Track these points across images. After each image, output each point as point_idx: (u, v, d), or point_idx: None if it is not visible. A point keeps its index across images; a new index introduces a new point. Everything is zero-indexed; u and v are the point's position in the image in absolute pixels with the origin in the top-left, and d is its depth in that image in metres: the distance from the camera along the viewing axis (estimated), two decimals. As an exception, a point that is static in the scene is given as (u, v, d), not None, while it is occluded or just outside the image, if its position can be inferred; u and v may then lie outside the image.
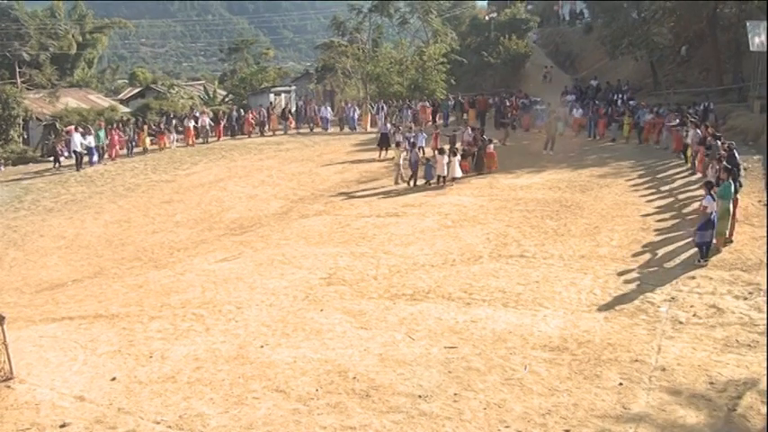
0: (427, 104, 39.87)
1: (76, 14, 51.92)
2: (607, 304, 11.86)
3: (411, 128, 30.07)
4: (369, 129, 37.70)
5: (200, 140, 35.72)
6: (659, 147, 27.49)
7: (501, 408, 8.55)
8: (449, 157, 23.16)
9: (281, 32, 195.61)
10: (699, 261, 13.65)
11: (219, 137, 36.53)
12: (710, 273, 13.04)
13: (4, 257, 19.71)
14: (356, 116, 39.01)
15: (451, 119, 38.69)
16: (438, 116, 38.97)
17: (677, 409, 8.34)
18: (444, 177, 23.18)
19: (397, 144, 25.63)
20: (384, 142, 29.20)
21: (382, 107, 38.79)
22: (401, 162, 24.44)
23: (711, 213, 13.72)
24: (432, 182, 23.39)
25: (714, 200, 13.78)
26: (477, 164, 25.11)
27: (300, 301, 13.05)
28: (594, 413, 8.34)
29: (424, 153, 25.84)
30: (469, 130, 28.25)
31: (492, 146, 25.51)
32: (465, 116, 38.20)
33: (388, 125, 30.33)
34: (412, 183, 23.75)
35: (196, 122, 36.13)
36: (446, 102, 40.69)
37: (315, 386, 9.30)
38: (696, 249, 13.95)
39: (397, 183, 24.18)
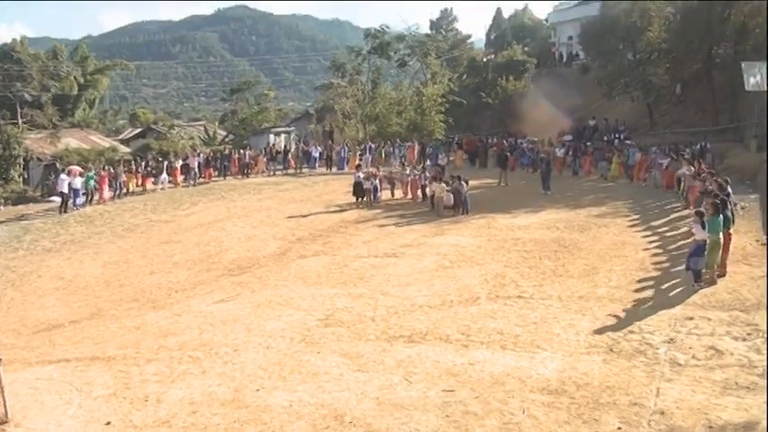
0: (415, 145, 40.31)
1: (78, 56, 52.49)
2: (605, 346, 11.75)
3: (372, 173, 30.35)
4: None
5: (185, 183, 35.73)
6: (646, 185, 28.27)
7: (499, 453, 8.46)
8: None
9: (281, 73, 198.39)
10: (693, 285, 14.41)
11: (209, 178, 36.70)
12: (709, 314, 12.96)
13: (2, 298, 19.64)
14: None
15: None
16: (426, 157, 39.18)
17: (676, 454, 8.25)
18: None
19: (435, 179, 26.64)
20: (359, 191, 28.94)
21: (370, 147, 39.46)
22: (444, 196, 25.30)
23: (702, 241, 14.43)
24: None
25: (704, 228, 14.21)
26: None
27: (297, 342, 12.98)
28: (593, 458, 8.24)
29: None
30: (408, 170, 30.75)
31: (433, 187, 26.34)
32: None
33: (360, 174, 29.64)
34: (459, 212, 24.96)
35: (185, 162, 36.45)
36: (437, 142, 41.24)
37: (310, 431, 9.21)
38: (691, 274, 14.67)
39: (438, 215, 25.11)
